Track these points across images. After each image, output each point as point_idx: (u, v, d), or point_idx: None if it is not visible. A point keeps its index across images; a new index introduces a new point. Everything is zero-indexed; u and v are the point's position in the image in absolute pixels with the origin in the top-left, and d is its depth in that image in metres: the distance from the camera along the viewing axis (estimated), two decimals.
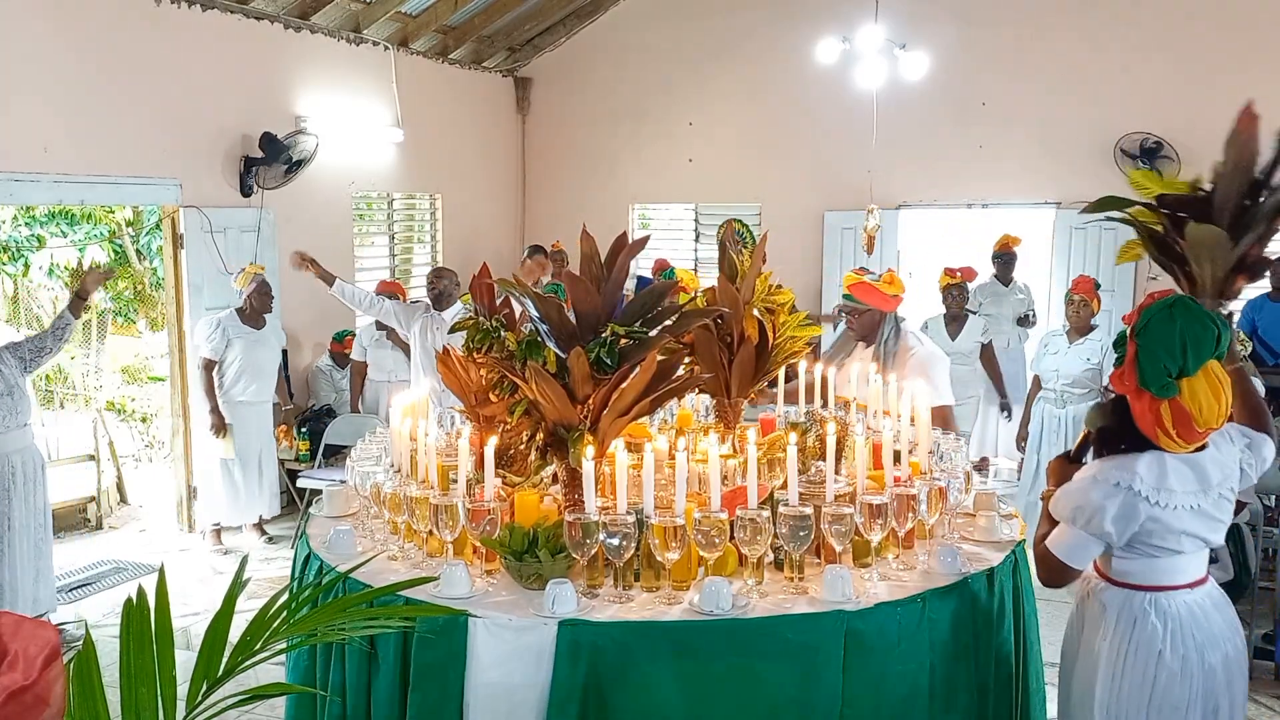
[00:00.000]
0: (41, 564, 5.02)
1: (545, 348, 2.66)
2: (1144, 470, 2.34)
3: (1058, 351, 5.78)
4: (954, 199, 8.70)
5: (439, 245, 8.99)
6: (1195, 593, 2.45)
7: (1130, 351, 2.35)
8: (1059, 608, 5.37)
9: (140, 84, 6.04)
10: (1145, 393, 2.32)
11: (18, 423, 4.89)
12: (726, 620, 2.38)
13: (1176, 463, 2.37)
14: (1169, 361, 2.29)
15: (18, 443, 4.90)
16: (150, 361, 11.35)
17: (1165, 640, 2.39)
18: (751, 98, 9.13)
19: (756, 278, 3.21)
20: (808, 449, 3.07)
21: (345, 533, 2.96)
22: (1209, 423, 2.30)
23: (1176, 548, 2.39)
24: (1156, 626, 2.40)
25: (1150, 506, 2.34)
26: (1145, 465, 2.35)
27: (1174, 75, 7.98)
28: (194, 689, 1.36)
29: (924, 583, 2.62)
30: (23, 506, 4.90)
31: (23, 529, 4.89)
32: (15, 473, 4.87)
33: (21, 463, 4.91)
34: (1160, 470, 2.35)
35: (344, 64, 7.72)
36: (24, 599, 4.89)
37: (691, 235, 9.62)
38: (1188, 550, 2.41)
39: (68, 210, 10.22)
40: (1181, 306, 2.35)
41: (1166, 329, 2.31)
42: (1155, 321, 2.33)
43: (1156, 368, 2.30)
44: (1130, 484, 2.33)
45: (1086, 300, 5.68)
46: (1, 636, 1.05)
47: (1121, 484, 2.34)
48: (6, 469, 4.83)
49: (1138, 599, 2.44)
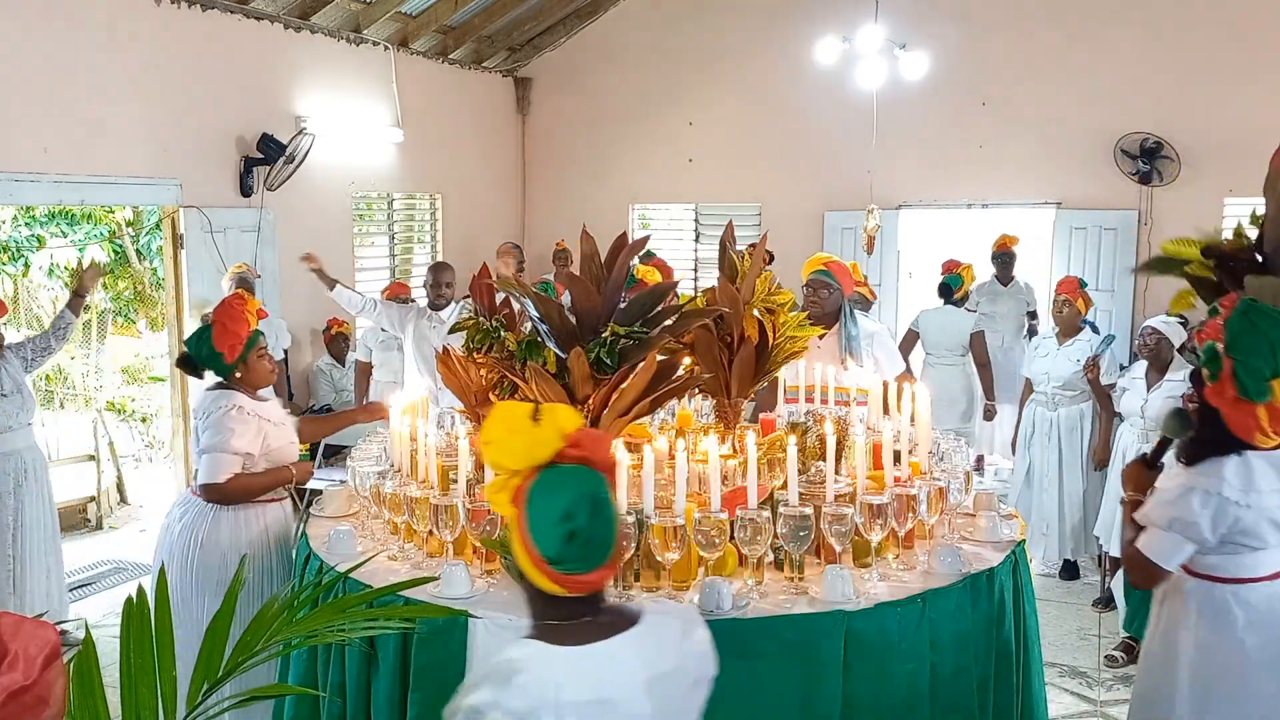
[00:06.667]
0: (52, 561, 5.09)
1: (545, 348, 2.66)
2: (1231, 476, 2.43)
3: (1048, 354, 5.75)
4: (954, 199, 8.70)
5: (439, 245, 8.99)
6: (1276, 584, 2.51)
7: (1227, 367, 2.41)
8: (1059, 608, 5.41)
9: (140, 84, 6.04)
10: (1243, 402, 2.40)
11: (24, 421, 4.96)
12: (726, 620, 2.38)
13: (1263, 463, 2.46)
14: (1265, 367, 2.37)
15: (25, 440, 4.98)
16: (150, 361, 11.35)
17: (1247, 630, 2.47)
18: (751, 98, 9.13)
19: (757, 278, 3.22)
20: (808, 449, 3.07)
21: (345, 533, 2.97)
22: None
23: (1261, 544, 2.47)
24: (1238, 617, 2.48)
25: (1240, 509, 2.43)
26: (1232, 471, 2.44)
27: (1174, 75, 7.97)
28: (194, 689, 1.36)
29: (924, 583, 2.62)
30: (34, 504, 4.96)
31: (34, 525, 4.96)
32: (26, 470, 4.93)
33: (31, 460, 4.98)
34: (1247, 473, 2.44)
35: (344, 64, 7.71)
36: (38, 596, 4.95)
37: (691, 235, 9.62)
38: (1272, 544, 2.48)
39: (68, 210, 10.22)
40: (1256, 311, 2.42)
41: (1255, 338, 2.38)
42: (1242, 333, 2.40)
43: (1256, 377, 2.38)
44: (1220, 490, 2.42)
45: (1070, 300, 5.66)
46: (1, 636, 1.05)
47: (1212, 491, 2.43)
48: (19, 466, 4.90)
49: (1219, 590, 2.51)
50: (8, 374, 4.88)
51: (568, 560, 1.60)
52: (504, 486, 1.64)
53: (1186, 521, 2.44)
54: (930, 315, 6.86)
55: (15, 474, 4.87)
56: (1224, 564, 2.50)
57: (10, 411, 4.84)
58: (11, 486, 4.85)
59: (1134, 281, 8.18)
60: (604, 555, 1.62)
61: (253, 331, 3.53)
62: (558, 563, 1.60)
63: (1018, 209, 8.65)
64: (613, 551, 1.64)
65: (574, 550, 1.59)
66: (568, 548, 1.59)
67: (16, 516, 4.87)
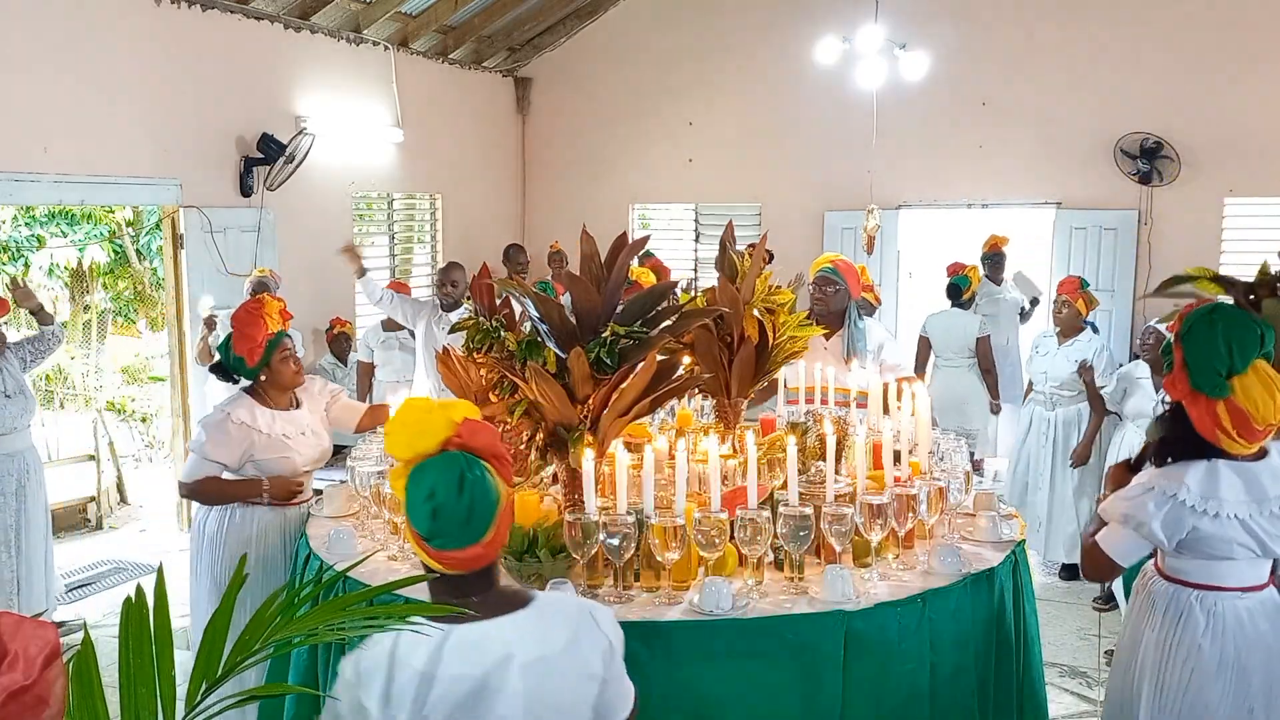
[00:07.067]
0: (48, 560, 5.12)
1: (545, 348, 2.66)
2: (1193, 481, 2.40)
3: (1048, 353, 5.76)
4: (954, 199, 8.70)
5: (439, 245, 8.99)
6: (1248, 598, 2.47)
7: (1177, 357, 2.41)
8: (1059, 608, 5.41)
9: (140, 84, 6.04)
10: (1200, 395, 2.38)
11: (25, 422, 4.99)
12: (726, 620, 2.38)
13: (1230, 473, 2.41)
14: (1216, 361, 2.35)
15: (25, 441, 5.01)
16: (150, 361, 11.36)
17: (1206, 635, 2.44)
18: (751, 98, 9.13)
19: (756, 278, 3.22)
20: (808, 449, 3.07)
21: (345, 533, 2.97)
22: (1267, 419, 2.35)
23: (1228, 554, 2.43)
24: (1200, 622, 2.45)
25: (1197, 516, 2.39)
26: (1195, 477, 2.41)
27: (1174, 75, 7.97)
28: (193, 689, 1.36)
29: (924, 583, 2.62)
30: (35, 505, 5.00)
31: (35, 525, 5.00)
32: (29, 470, 4.97)
33: (32, 461, 5.02)
34: (1212, 480, 2.40)
35: (344, 64, 7.72)
36: (37, 594, 4.99)
37: (691, 235, 9.62)
38: (1239, 557, 2.44)
39: (68, 210, 10.23)
40: (1221, 311, 2.41)
41: (1208, 332, 2.37)
42: (1197, 326, 2.39)
43: (1205, 368, 2.36)
44: (1177, 493, 2.39)
45: (1069, 301, 5.66)
46: (1, 636, 1.05)
47: (1168, 493, 2.40)
48: (22, 466, 4.94)
49: (1185, 594, 2.49)
50: (10, 375, 4.91)
51: (436, 536, 1.71)
52: (400, 474, 1.78)
53: (1139, 520, 2.42)
54: (938, 318, 6.87)
55: (19, 475, 4.90)
56: (1190, 569, 2.47)
57: (14, 413, 4.88)
58: (14, 488, 4.89)
59: (1134, 282, 8.18)
60: (475, 534, 1.71)
61: (276, 334, 3.51)
62: (429, 539, 1.72)
63: (1017, 209, 8.64)
64: (487, 532, 1.73)
65: (440, 526, 1.70)
66: (434, 524, 1.70)
67: (19, 518, 4.90)
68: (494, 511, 1.74)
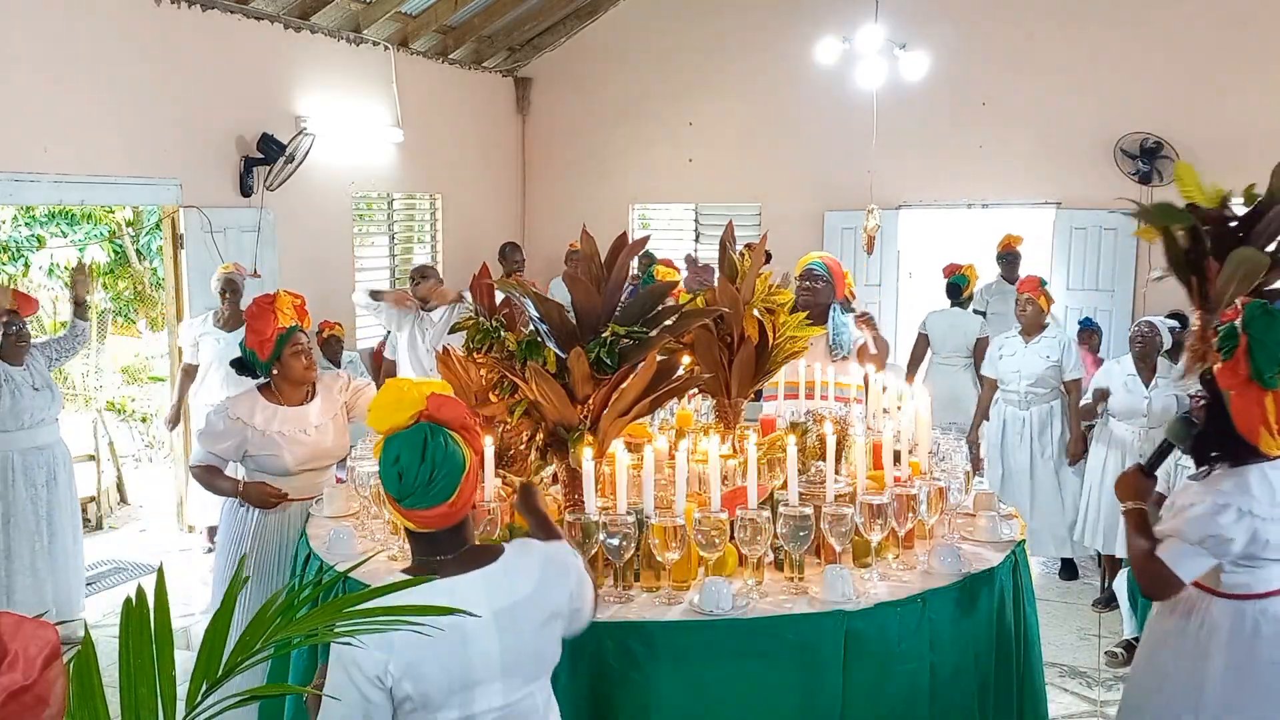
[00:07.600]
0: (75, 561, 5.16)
1: (545, 348, 2.66)
2: (1259, 492, 2.43)
3: (1015, 353, 5.75)
4: (954, 199, 8.70)
5: (439, 245, 8.99)
6: None
7: (1242, 344, 2.42)
8: (1059, 608, 5.41)
9: (140, 84, 6.04)
10: (1253, 385, 2.40)
11: (53, 416, 5.07)
12: (726, 620, 2.38)
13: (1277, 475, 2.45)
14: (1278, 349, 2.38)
15: (52, 436, 5.08)
16: (150, 361, 11.35)
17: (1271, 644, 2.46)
18: (751, 98, 9.13)
19: (756, 278, 3.22)
20: (808, 449, 3.07)
21: (345, 533, 2.97)
22: None
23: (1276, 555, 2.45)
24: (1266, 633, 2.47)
25: (1267, 524, 2.42)
26: (1256, 486, 2.43)
27: (1174, 75, 7.97)
28: (194, 689, 1.35)
29: (924, 583, 2.62)
30: (66, 496, 5.05)
31: (65, 517, 5.04)
32: (59, 462, 5.02)
33: (62, 456, 5.07)
34: (1265, 486, 2.44)
35: (344, 64, 7.71)
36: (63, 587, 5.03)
37: (691, 235, 9.62)
38: None
39: (68, 210, 10.22)
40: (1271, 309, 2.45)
41: (1271, 321, 2.40)
42: (1259, 315, 2.42)
43: (1269, 357, 2.38)
44: (1252, 508, 2.41)
45: (1032, 299, 5.67)
46: (1, 636, 1.05)
47: (1244, 509, 2.41)
48: (51, 459, 4.99)
49: (1248, 609, 2.49)
50: (36, 371, 5.01)
51: (405, 497, 1.87)
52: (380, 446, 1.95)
53: (1222, 539, 2.41)
54: (937, 317, 6.87)
55: (49, 467, 4.98)
56: (1254, 580, 2.48)
57: (42, 405, 4.96)
58: (45, 480, 4.96)
59: (1133, 282, 8.18)
60: (441, 495, 1.86)
61: (288, 328, 3.51)
62: (399, 499, 1.88)
63: (1018, 209, 8.64)
64: (455, 494, 1.87)
65: (407, 488, 1.86)
66: (400, 486, 1.86)
67: (48, 513, 4.97)
68: (459, 475, 1.88)
